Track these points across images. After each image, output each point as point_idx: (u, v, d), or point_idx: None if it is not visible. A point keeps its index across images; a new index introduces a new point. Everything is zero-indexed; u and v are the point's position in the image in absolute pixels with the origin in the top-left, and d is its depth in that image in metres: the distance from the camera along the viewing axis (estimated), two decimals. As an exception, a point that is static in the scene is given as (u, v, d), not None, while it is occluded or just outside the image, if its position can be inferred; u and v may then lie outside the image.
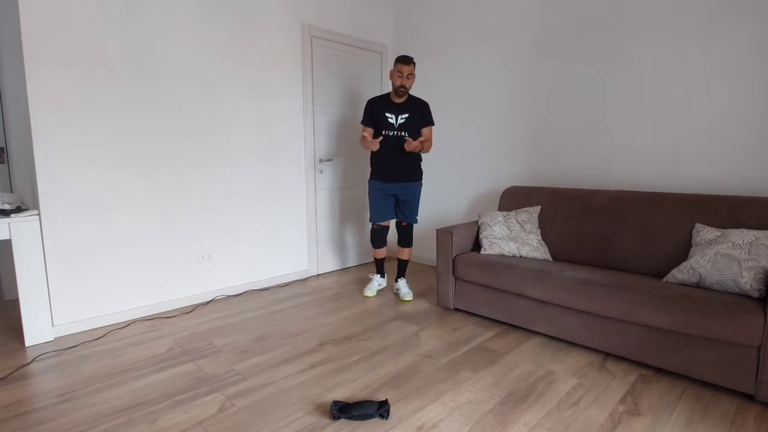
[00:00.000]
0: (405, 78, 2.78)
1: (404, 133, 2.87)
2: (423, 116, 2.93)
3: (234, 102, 3.04)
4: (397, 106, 2.88)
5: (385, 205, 2.99)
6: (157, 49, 2.65)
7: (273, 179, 3.33)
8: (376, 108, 2.90)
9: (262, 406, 1.72)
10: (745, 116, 2.29)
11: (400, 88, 2.80)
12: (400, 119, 2.87)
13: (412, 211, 3.03)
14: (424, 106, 2.95)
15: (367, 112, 2.94)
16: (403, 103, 2.89)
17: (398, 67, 2.78)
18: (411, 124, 2.89)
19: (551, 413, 1.67)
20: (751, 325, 1.66)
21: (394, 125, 2.88)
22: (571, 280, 2.18)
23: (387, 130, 2.89)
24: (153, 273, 2.74)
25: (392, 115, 2.87)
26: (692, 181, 2.47)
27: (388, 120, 2.87)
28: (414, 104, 2.92)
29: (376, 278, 3.21)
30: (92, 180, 2.47)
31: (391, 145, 2.88)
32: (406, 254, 3.10)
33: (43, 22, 2.25)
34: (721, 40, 2.32)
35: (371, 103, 2.94)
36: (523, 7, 3.13)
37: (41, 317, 2.30)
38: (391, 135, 2.88)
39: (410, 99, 2.92)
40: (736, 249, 1.91)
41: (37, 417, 1.65)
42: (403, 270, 3.13)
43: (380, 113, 2.88)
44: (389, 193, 2.97)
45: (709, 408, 1.71)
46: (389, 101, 2.90)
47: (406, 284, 3.09)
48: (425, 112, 2.94)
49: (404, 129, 2.88)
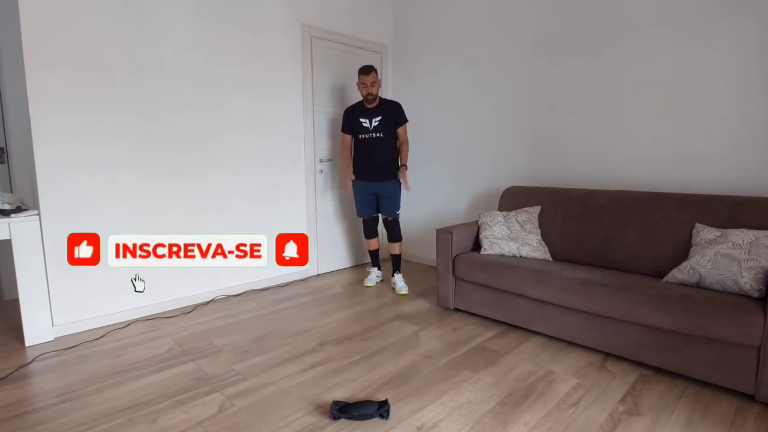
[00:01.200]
0: (369, 86, 3.03)
1: (380, 134, 3.11)
2: (396, 116, 3.16)
3: (234, 102, 3.04)
4: (369, 111, 3.12)
5: (366, 200, 3.25)
6: (156, 49, 2.65)
7: (273, 179, 3.33)
8: (351, 116, 3.17)
9: (262, 406, 1.72)
10: (746, 116, 2.28)
11: (368, 96, 3.06)
12: (374, 122, 3.11)
13: (392, 206, 3.23)
14: (395, 107, 3.18)
15: (344, 121, 3.22)
16: (375, 107, 3.12)
17: (361, 78, 3.05)
18: (384, 124, 3.11)
19: (551, 413, 1.67)
20: (751, 325, 1.66)
21: (369, 128, 3.12)
22: (571, 280, 2.18)
23: (363, 134, 3.14)
24: (153, 273, 2.74)
25: (366, 120, 3.12)
26: (692, 181, 2.47)
27: (362, 125, 3.13)
28: (386, 107, 3.15)
29: (374, 271, 3.41)
30: (92, 180, 2.47)
31: (369, 147, 3.15)
32: (397, 249, 3.29)
33: (44, 24, 2.25)
34: (722, 40, 2.32)
35: (347, 112, 3.22)
36: (523, 7, 3.13)
37: (41, 317, 2.30)
38: (368, 137, 3.13)
39: (382, 102, 3.15)
40: (736, 249, 1.91)
41: (37, 417, 1.65)
42: (398, 265, 3.30)
43: (355, 120, 3.15)
44: (370, 191, 3.22)
45: (709, 408, 1.71)
46: (363, 108, 3.15)
47: (401, 278, 3.24)
48: (398, 112, 3.17)
49: (379, 130, 3.11)
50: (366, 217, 3.30)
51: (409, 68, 3.99)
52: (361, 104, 3.16)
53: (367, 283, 3.34)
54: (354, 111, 3.18)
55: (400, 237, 3.30)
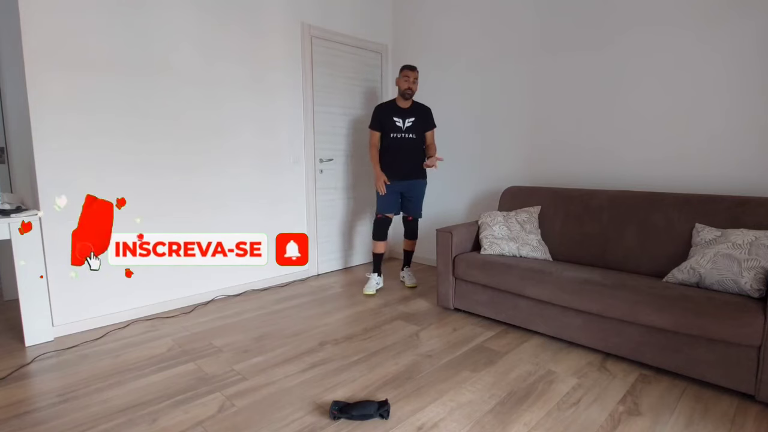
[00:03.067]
0: (411, 82, 3.05)
1: (411, 135, 3.11)
2: (426, 120, 3.19)
3: (234, 102, 3.04)
4: (403, 111, 3.12)
5: (391, 199, 3.18)
6: (157, 49, 2.65)
7: (273, 179, 3.32)
8: (383, 113, 3.14)
9: (262, 406, 1.72)
10: (746, 116, 2.28)
11: (407, 91, 3.05)
12: (407, 123, 3.11)
13: (417, 206, 3.25)
14: (427, 111, 3.22)
15: (375, 117, 3.17)
16: (409, 108, 3.14)
17: (405, 72, 3.06)
18: (416, 127, 3.13)
19: (551, 413, 1.67)
20: (751, 325, 1.66)
21: (402, 128, 3.11)
22: (571, 280, 2.18)
23: (395, 133, 3.11)
24: (153, 273, 2.74)
25: (399, 119, 3.11)
26: (692, 181, 2.47)
27: (396, 123, 3.11)
28: (419, 109, 3.18)
29: (373, 277, 3.24)
30: (92, 180, 2.47)
31: (399, 146, 3.12)
32: (412, 245, 3.37)
33: (44, 24, 2.25)
34: (723, 39, 2.32)
35: (379, 109, 3.18)
36: (523, 7, 3.13)
37: (41, 317, 2.30)
38: (399, 137, 3.11)
39: (415, 104, 3.18)
40: (736, 249, 1.91)
41: (37, 417, 1.65)
42: (409, 260, 3.42)
43: (388, 118, 3.11)
44: (395, 190, 3.16)
45: (709, 408, 1.71)
46: (396, 106, 3.14)
47: (410, 273, 3.37)
48: (428, 116, 3.22)
49: (411, 131, 3.12)
50: (386, 214, 3.21)
51: (409, 68, 3.98)
52: (394, 103, 3.17)
53: (366, 290, 3.16)
54: (387, 108, 3.16)
55: (417, 235, 3.35)
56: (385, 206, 3.20)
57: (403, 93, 3.07)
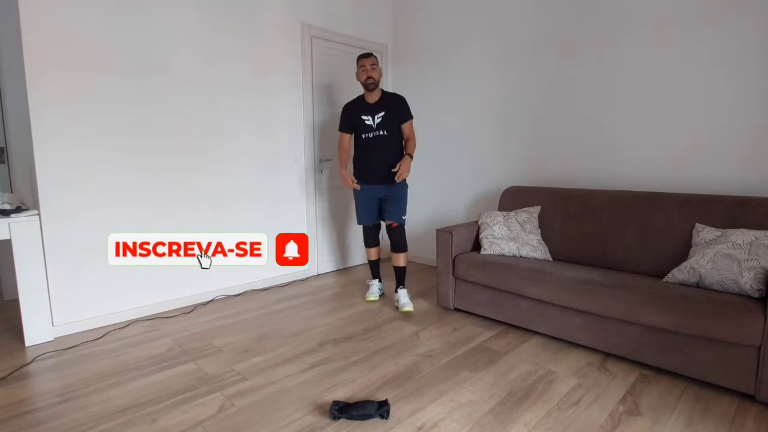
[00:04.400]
0: (369, 69, 2.71)
1: (384, 132, 2.77)
2: (400, 111, 2.80)
3: (233, 102, 3.04)
4: (372, 107, 2.78)
5: (368, 206, 2.89)
6: (156, 49, 2.65)
7: (273, 179, 3.33)
8: (351, 112, 2.84)
9: (262, 406, 1.72)
10: (746, 116, 2.28)
11: (368, 81, 2.71)
12: (377, 118, 2.76)
13: (398, 209, 2.84)
14: (399, 100, 2.84)
15: (343, 118, 2.89)
16: (378, 102, 2.79)
17: (360, 63, 2.75)
18: (389, 121, 2.78)
19: (551, 413, 1.67)
20: (751, 325, 1.66)
21: (372, 126, 2.77)
22: (571, 280, 2.18)
23: (366, 133, 2.79)
24: (153, 273, 2.74)
25: (368, 117, 2.77)
26: (692, 181, 2.47)
27: (365, 122, 2.78)
28: (389, 101, 2.81)
29: (374, 283, 3.08)
30: (92, 180, 2.47)
31: (373, 147, 2.80)
32: (402, 260, 2.91)
33: (44, 24, 2.25)
34: (722, 39, 2.32)
35: (346, 109, 2.89)
36: (523, 7, 3.13)
37: (41, 317, 2.30)
38: (372, 137, 2.79)
39: (384, 96, 2.82)
40: (736, 249, 1.91)
41: (37, 417, 1.65)
42: (402, 278, 2.93)
43: (356, 117, 2.81)
44: (373, 195, 2.86)
45: (709, 408, 1.71)
46: (363, 103, 2.82)
47: (406, 294, 2.87)
48: (402, 106, 2.82)
49: (383, 128, 2.77)
50: (367, 224, 2.96)
51: (409, 68, 3.99)
52: (362, 99, 2.84)
53: (369, 297, 3.01)
54: (354, 107, 2.84)
55: (406, 247, 2.91)
56: (363, 216, 2.93)
57: (366, 84, 2.74)
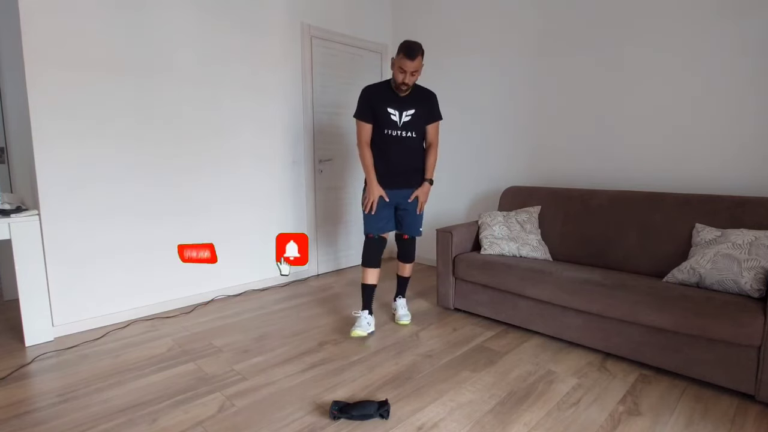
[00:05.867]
0: (409, 75, 2.24)
1: (411, 133, 2.37)
2: (430, 111, 2.43)
3: (233, 103, 3.04)
4: (401, 100, 2.35)
5: (384, 214, 2.44)
6: (156, 49, 2.65)
7: (273, 179, 3.32)
8: (376, 100, 2.34)
9: (262, 406, 1.72)
10: (745, 116, 2.28)
11: (402, 86, 2.28)
12: (405, 116, 2.35)
13: (418, 221, 2.52)
14: (431, 97, 2.44)
15: (364, 104, 2.36)
16: (408, 96, 2.36)
17: (401, 61, 2.22)
18: (417, 121, 2.37)
19: (551, 413, 1.67)
20: (751, 325, 1.66)
21: (398, 124, 2.34)
22: (571, 280, 2.18)
23: (389, 129, 2.35)
24: (153, 273, 2.74)
25: (395, 111, 2.33)
26: (692, 181, 2.47)
27: (390, 117, 2.33)
28: (420, 96, 2.40)
29: (363, 316, 2.43)
30: (92, 180, 2.47)
31: (396, 148, 2.38)
32: (408, 270, 2.63)
33: (44, 25, 2.25)
34: (722, 39, 2.32)
35: (369, 92, 2.38)
36: (523, 6, 3.13)
37: (41, 317, 2.30)
38: (395, 135, 2.36)
39: (415, 90, 2.39)
40: (736, 249, 1.91)
41: (37, 417, 1.65)
42: (404, 288, 2.68)
43: (381, 107, 2.33)
44: (390, 202, 2.44)
45: (709, 408, 1.71)
46: (391, 93, 2.35)
47: (405, 305, 2.65)
48: (433, 105, 2.44)
49: (410, 128, 2.37)
50: (378, 234, 2.44)
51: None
52: (388, 87, 2.36)
53: (355, 331, 2.36)
54: (380, 95, 2.35)
55: (414, 257, 2.64)
56: (375, 224, 2.42)
57: (397, 88, 2.31)
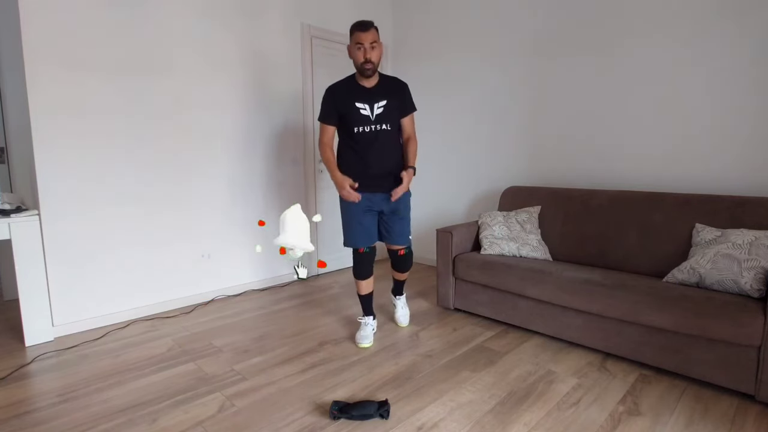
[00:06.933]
0: (369, 49, 2.03)
1: (386, 126, 2.15)
2: (403, 101, 2.22)
3: (233, 102, 3.04)
4: (369, 93, 2.13)
5: (364, 221, 2.22)
6: (157, 51, 2.65)
7: (273, 179, 3.32)
8: (340, 96, 2.14)
9: (262, 406, 1.72)
10: (745, 116, 2.28)
11: (366, 65, 2.05)
12: (378, 108, 2.13)
13: (405, 228, 2.31)
14: (404, 88, 2.25)
15: (328, 106, 2.15)
16: (377, 87, 2.15)
17: (357, 37, 2.02)
18: (391, 113, 2.17)
19: (551, 413, 1.67)
20: (751, 325, 1.66)
21: (371, 117, 2.12)
22: (571, 280, 2.18)
23: (361, 126, 2.13)
24: (153, 273, 2.74)
25: (365, 105, 2.12)
26: (692, 181, 2.47)
27: (360, 112, 2.11)
28: (392, 87, 2.20)
29: (367, 322, 2.36)
30: (92, 180, 2.47)
31: (370, 145, 2.16)
32: (404, 276, 2.51)
33: (44, 25, 2.25)
34: (721, 40, 2.32)
35: (332, 91, 2.16)
36: (523, 6, 3.13)
37: (41, 317, 2.30)
38: (368, 131, 2.14)
39: (384, 80, 2.19)
40: (736, 249, 1.91)
41: (37, 417, 1.65)
42: (401, 288, 2.56)
43: (348, 104, 2.12)
44: (371, 207, 2.23)
45: (709, 408, 1.71)
46: (357, 86, 2.14)
47: (405, 304, 2.58)
48: (405, 95, 2.24)
49: (384, 121, 2.14)
50: (361, 247, 2.24)
51: (409, 68, 3.99)
52: (353, 81, 2.16)
53: (362, 343, 2.25)
54: (344, 91, 2.14)
55: (410, 267, 2.46)
56: (356, 235, 2.22)
57: (362, 69, 2.07)
